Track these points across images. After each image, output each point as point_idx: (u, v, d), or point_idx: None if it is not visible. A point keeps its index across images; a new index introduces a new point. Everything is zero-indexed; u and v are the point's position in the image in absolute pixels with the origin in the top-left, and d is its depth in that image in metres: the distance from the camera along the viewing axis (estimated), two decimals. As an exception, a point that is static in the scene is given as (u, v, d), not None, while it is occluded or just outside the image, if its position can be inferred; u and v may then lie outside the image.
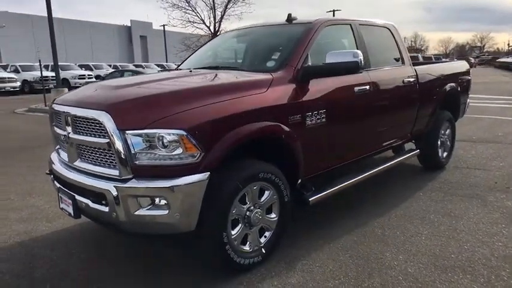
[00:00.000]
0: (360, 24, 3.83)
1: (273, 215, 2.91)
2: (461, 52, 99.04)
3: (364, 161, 4.08)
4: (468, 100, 5.83)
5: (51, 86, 16.44)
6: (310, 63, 3.15)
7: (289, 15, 3.61)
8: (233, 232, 2.64)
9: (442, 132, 5.16)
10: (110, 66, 29.32)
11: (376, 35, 4.12)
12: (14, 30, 37.20)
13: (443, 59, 40.93)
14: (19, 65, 23.22)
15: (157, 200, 2.32)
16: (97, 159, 2.53)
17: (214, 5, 15.78)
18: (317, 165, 3.29)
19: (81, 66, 26.06)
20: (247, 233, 2.75)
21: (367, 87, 3.57)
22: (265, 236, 2.88)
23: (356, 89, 3.47)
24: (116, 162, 2.37)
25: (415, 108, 4.40)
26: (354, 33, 3.70)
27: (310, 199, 3.14)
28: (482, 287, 2.53)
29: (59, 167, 2.90)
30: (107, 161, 2.46)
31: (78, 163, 2.68)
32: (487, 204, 3.96)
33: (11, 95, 21.99)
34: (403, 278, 2.65)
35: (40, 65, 14.06)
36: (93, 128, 2.47)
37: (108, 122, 2.34)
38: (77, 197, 2.62)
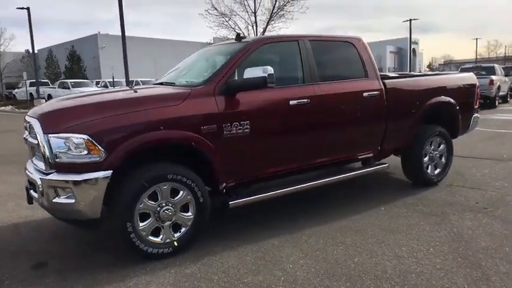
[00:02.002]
0: (311, 41, 4.01)
1: (189, 214, 3.28)
2: None
3: (317, 170, 4.22)
4: (475, 115, 5.49)
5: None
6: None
7: (238, 34, 3.97)
8: (141, 224, 3.08)
9: (432, 147, 4.98)
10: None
11: (332, 50, 4.26)
12: (112, 50, 42.39)
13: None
14: (108, 81, 26.48)
15: (66, 190, 2.88)
16: (38, 157, 3.18)
17: (256, 22, 16.37)
18: (243, 173, 3.57)
19: (161, 82, 28.57)
20: (159, 226, 3.16)
21: (306, 100, 3.76)
22: (180, 231, 3.26)
23: (292, 102, 3.69)
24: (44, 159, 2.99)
25: (381, 122, 4.38)
26: (301, 49, 3.90)
27: (230, 203, 3.45)
28: (352, 294, 2.60)
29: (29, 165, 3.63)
30: (41, 158, 3.09)
31: (34, 160, 3.37)
32: (443, 222, 3.81)
33: (101, 106, 25.01)
34: (284, 279, 2.82)
35: (113, 80, 16.08)
36: (34, 132, 3.14)
37: (38, 127, 2.97)
38: (29, 187, 3.31)
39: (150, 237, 3.13)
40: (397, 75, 5.37)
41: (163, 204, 3.14)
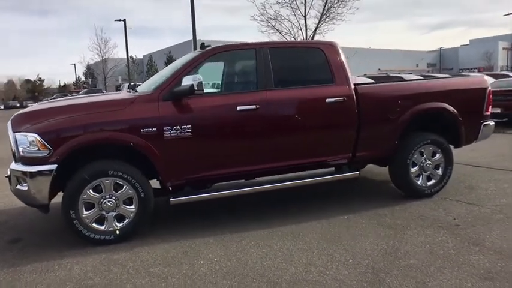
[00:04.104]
0: (271, 48, 4.10)
1: (132, 207, 3.68)
2: None
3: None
4: (485, 123, 4.93)
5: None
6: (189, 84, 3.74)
7: (202, 44, 4.23)
8: (86, 212, 3.55)
9: (424, 157, 4.64)
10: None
11: (296, 57, 4.26)
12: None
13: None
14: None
15: (24, 179, 3.48)
16: (17, 151, 3.87)
17: (306, 25, 15.97)
18: (189, 173, 3.82)
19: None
20: (103, 216, 3.61)
21: (255, 106, 3.87)
22: (123, 222, 3.68)
23: (240, 107, 3.85)
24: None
25: (351, 128, 4.25)
26: (257, 57, 4.02)
27: (171, 200, 3.76)
28: (231, 293, 2.73)
29: None
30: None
31: (20, 154, 4.09)
32: (393, 236, 3.61)
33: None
34: (185, 273, 3.04)
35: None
36: (12, 131, 3.82)
37: (9, 127, 3.64)
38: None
39: (93, 224, 3.59)
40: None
41: (107, 197, 3.58)
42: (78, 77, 61.42)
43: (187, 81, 3.59)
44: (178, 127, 3.67)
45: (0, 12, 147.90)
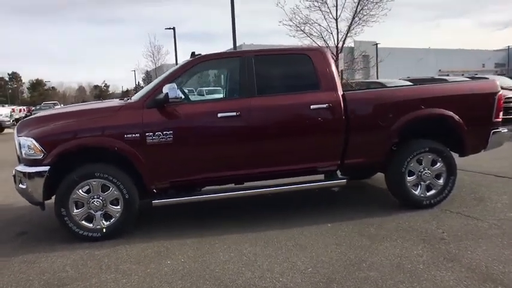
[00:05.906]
0: (256, 56, 4.18)
1: (118, 207, 3.94)
2: None
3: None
4: (495, 130, 4.59)
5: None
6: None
7: (193, 53, 4.40)
8: (76, 210, 3.87)
9: (423, 165, 4.43)
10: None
11: (282, 64, 4.29)
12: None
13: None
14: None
15: (24, 178, 3.88)
16: (23, 153, 4.30)
17: (337, 28, 15.36)
18: (173, 177, 4.00)
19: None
20: (91, 214, 3.91)
21: (236, 113, 3.97)
22: (110, 221, 3.95)
23: (220, 114, 3.97)
24: (20, 154, 4.08)
25: (337, 135, 4.18)
26: (241, 65, 4.12)
27: (153, 202, 3.97)
28: None
29: None
30: (21, 155, 4.19)
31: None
32: (367, 247, 3.51)
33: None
34: (150, 271, 3.22)
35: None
36: (19, 135, 4.26)
37: (15, 131, 4.08)
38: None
39: (83, 222, 3.90)
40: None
41: (94, 197, 3.88)
42: (138, 82, 65.05)
43: (165, 89, 3.78)
44: (160, 133, 3.87)
45: (72, 23, 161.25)
